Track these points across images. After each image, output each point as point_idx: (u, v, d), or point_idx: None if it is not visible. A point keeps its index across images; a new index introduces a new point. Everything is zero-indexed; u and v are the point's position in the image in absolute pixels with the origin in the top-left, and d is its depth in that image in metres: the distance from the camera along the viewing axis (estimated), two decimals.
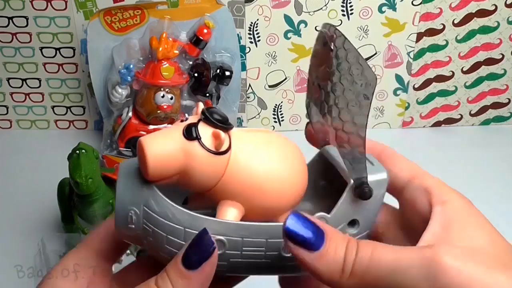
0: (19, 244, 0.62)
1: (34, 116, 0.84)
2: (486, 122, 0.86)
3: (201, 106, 0.27)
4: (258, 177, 0.27)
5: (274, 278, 0.33)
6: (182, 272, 0.26)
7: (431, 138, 0.84)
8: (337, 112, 0.27)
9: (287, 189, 0.27)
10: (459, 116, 0.86)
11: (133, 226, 0.26)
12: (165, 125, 0.72)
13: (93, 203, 0.57)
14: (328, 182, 0.31)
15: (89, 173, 0.54)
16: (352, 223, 0.29)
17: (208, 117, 0.26)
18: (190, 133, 0.26)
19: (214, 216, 0.27)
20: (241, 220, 0.27)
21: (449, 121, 0.86)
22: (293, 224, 0.25)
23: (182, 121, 0.27)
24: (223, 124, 0.26)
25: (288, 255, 0.27)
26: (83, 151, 0.55)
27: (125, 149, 0.73)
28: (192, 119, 0.27)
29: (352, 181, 0.28)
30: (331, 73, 0.26)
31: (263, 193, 0.27)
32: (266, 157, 0.27)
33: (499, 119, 0.86)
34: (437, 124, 0.86)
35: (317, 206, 0.30)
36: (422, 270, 0.23)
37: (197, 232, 0.26)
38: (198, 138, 0.26)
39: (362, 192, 0.27)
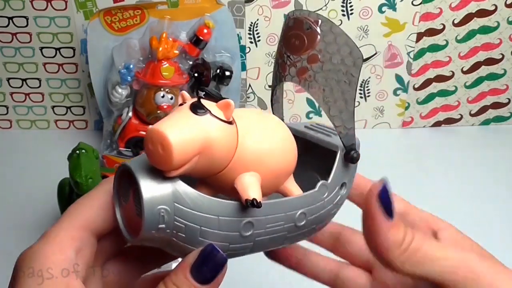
0: (19, 244, 0.62)
1: (34, 116, 0.84)
2: (486, 122, 0.86)
3: (185, 93, 0.27)
4: (265, 147, 0.28)
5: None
6: (195, 286, 0.26)
7: (431, 138, 0.84)
8: (329, 89, 0.30)
9: (287, 157, 0.29)
10: (459, 116, 0.86)
11: (164, 225, 0.25)
12: None
13: None
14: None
15: (89, 173, 0.54)
16: (343, 185, 0.32)
17: (208, 93, 0.26)
18: (199, 108, 0.25)
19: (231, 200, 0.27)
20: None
21: (449, 121, 0.86)
22: (386, 191, 0.27)
23: (181, 104, 0.26)
24: (221, 98, 0.27)
25: (302, 223, 0.30)
26: (83, 151, 0.54)
27: (125, 149, 0.73)
28: (189, 101, 0.26)
29: (342, 148, 0.31)
30: (316, 55, 0.29)
31: (269, 163, 0.28)
32: (266, 128, 0.28)
33: (499, 119, 0.86)
34: (437, 124, 0.86)
35: (298, 178, 0.32)
36: (464, 272, 0.27)
37: (230, 218, 0.26)
38: (208, 110, 0.25)
39: (353, 156, 0.31)
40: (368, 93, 0.82)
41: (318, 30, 0.29)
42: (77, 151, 0.54)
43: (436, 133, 0.85)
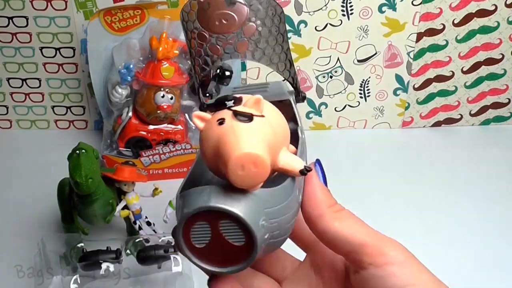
0: (19, 244, 0.62)
1: (34, 116, 0.84)
2: (486, 122, 0.86)
3: (200, 113, 0.27)
4: (283, 127, 0.29)
5: None
6: None
7: (431, 138, 0.84)
8: (272, 50, 0.32)
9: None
10: (459, 116, 0.86)
11: (268, 234, 0.27)
12: (165, 125, 0.72)
13: (93, 203, 0.57)
14: None
15: (89, 173, 0.54)
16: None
17: (235, 110, 0.27)
18: (246, 117, 0.26)
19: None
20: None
21: (449, 121, 0.86)
22: (320, 165, 0.33)
23: (220, 123, 0.27)
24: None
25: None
26: (83, 151, 0.54)
27: (125, 149, 0.73)
28: (221, 114, 0.27)
29: (291, 93, 0.35)
30: (252, 26, 0.31)
31: (287, 140, 0.29)
32: (272, 110, 0.29)
33: (499, 119, 0.86)
34: (437, 124, 0.86)
35: None
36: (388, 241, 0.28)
37: (293, 195, 0.28)
38: (251, 114, 0.27)
39: (303, 96, 0.36)
40: (368, 93, 0.82)
41: (242, 1, 0.30)
42: (77, 151, 0.54)
43: (436, 133, 0.85)
